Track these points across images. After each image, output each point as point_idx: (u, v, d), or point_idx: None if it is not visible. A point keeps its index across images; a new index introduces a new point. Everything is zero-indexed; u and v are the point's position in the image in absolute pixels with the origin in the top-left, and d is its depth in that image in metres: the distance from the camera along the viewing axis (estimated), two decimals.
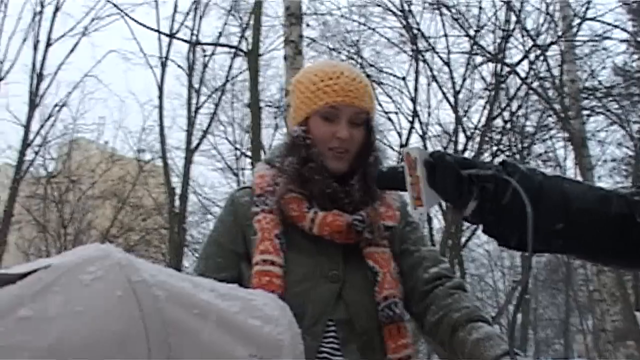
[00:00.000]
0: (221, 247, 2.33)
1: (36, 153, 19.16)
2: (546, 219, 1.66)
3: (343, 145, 2.27)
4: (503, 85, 17.17)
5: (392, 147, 17.68)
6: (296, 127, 2.33)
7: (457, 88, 17.21)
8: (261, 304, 1.62)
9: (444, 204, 10.62)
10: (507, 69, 16.46)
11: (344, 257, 2.26)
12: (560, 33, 15.79)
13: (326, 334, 2.18)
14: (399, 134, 18.33)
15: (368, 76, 16.65)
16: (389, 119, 18.47)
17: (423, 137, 17.84)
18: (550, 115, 16.96)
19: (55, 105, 19.18)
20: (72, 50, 19.03)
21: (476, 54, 17.12)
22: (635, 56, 18.14)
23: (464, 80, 17.44)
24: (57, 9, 18.85)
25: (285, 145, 2.36)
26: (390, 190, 2.31)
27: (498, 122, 17.23)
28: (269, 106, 18.86)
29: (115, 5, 17.27)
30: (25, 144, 18.44)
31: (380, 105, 17.95)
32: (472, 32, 16.70)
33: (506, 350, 1.97)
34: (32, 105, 18.59)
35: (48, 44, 18.92)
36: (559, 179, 1.75)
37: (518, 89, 17.26)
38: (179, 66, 20.11)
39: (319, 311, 2.17)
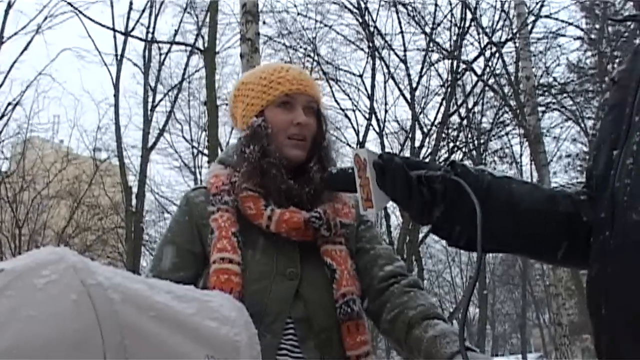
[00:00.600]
0: (177, 246, 2.33)
1: None
2: (494, 219, 1.68)
3: (302, 132, 2.32)
4: (459, 82, 17.33)
5: (349, 144, 17.77)
6: (254, 118, 2.36)
7: (414, 85, 17.35)
8: (217, 306, 1.62)
9: None
10: (463, 66, 16.59)
11: (301, 254, 2.28)
12: (515, 30, 15.95)
13: (285, 332, 2.18)
14: (357, 131, 18.40)
15: (325, 73, 16.75)
16: (346, 116, 18.56)
17: (380, 134, 17.92)
18: (506, 112, 17.16)
19: (9, 104, 18.97)
20: (25, 48, 18.82)
21: (432, 51, 17.27)
22: (589, 53, 18.45)
23: (421, 77, 17.59)
24: (9, 6, 18.61)
25: (245, 137, 2.37)
26: (340, 192, 2.33)
27: (455, 118, 17.40)
28: (226, 104, 18.84)
29: (69, 3, 17.03)
30: None
31: (337, 102, 18.03)
32: (428, 30, 16.86)
33: None
34: None
35: (0, 42, 18.70)
36: (507, 179, 1.77)
37: (474, 85, 17.45)
38: (134, 64, 20.05)
39: (278, 309, 2.18)
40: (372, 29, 17.11)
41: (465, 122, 17.52)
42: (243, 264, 2.21)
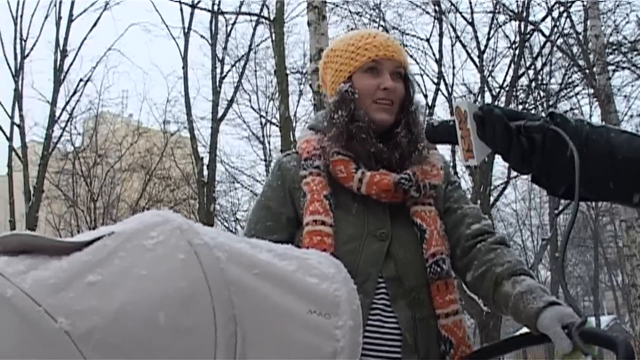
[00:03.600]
0: (270, 211, 2.39)
1: (63, 129, 19.35)
2: (593, 168, 1.69)
3: (389, 96, 2.37)
4: (527, 44, 17.05)
5: None
6: (342, 84, 2.41)
7: (482, 48, 17.11)
8: (316, 262, 1.65)
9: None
10: (530, 26, 16.33)
11: (391, 215, 2.32)
12: None
13: (377, 291, 2.24)
14: (425, 96, 18.26)
15: None
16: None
17: (449, 98, 17.77)
18: (575, 72, 16.83)
19: (80, 81, 19.32)
20: (94, 25, 19.13)
21: (499, 12, 16.98)
22: None
23: (488, 39, 17.32)
24: None
25: (333, 102, 2.42)
26: (441, 144, 2.37)
27: (523, 80, 17.12)
28: (294, 73, 18.87)
29: None
30: (52, 120, 18.61)
31: None
32: None
33: (548, 302, 2.01)
34: (57, 82, 18.71)
35: (70, 20, 19.00)
36: (605, 128, 1.78)
37: (542, 46, 17.14)
38: (201, 36, 20.19)
39: (369, 269, 2.23)
40: None
41: (534, 83, 17.26)
42: (335, 225, 2.27)
